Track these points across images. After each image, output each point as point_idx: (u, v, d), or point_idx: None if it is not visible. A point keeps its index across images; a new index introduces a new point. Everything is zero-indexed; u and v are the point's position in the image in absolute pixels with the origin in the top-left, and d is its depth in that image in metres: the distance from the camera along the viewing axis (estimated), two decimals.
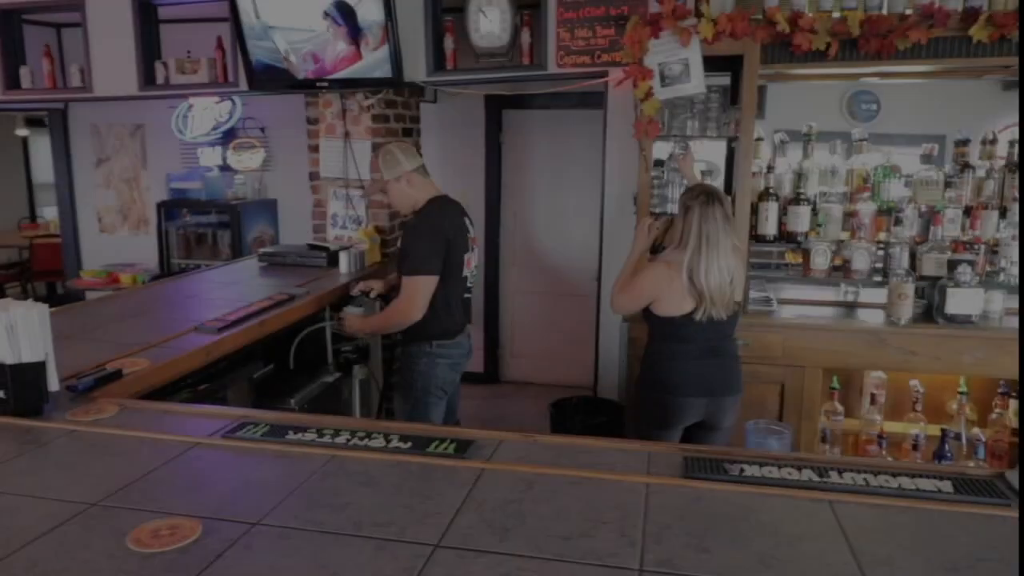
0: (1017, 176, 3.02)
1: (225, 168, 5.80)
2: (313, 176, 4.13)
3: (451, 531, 1.27)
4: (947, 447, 3.13)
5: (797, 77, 3.39)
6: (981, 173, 3.14)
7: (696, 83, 3.13)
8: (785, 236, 3.27)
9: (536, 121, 5.47)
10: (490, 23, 3.71)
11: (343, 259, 3.69)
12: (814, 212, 3.24)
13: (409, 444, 1.61)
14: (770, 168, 3.27)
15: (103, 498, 1.39)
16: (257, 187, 5.81)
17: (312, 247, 3.98)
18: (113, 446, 1.64)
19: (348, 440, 1.63)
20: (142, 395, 2.11)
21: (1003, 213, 3.08)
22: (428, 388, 2.91)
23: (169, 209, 5.70)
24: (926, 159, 3.26)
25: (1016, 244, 2.98)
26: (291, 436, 1.65)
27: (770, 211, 3.24)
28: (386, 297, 3.25)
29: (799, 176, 3.28)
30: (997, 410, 3.20)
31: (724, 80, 3.35)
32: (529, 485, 1.45)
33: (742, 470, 1.50)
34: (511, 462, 1.56)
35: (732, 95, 3.33)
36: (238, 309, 2.85)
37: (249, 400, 2.69)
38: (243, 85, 3.91)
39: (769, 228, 3.25)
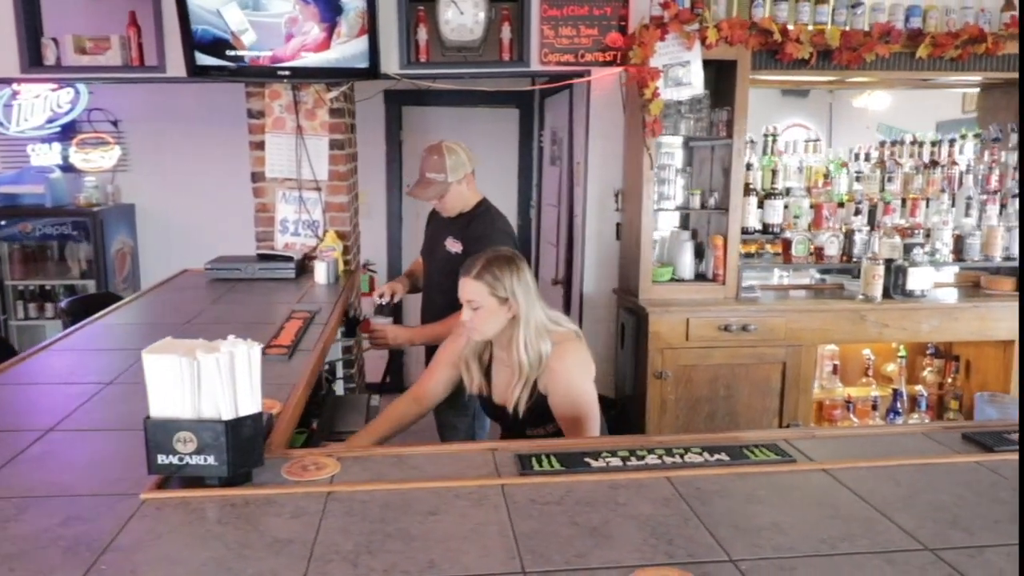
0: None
1: (67, 168, 4.85)
2: (256, 177, 3.63)
3: None
4: (898, 404, 3.66)
5: (776, 83, 3.73)
6: (908, 169, 3.69)
7: (697, 85, 3.30)
8: (763, 228, 3.57)
9: (439, 119, 5.32)
10: (462, 16, 3.54)
11: (320, 269, 3.32)
12: (785, 206, 3.57)
13: (723, 455, 1.54)
14: (749, 166, 3.54)
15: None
16: (110, 190, 4.94)
17: (266, 256, 3.51)
18: (413, 505, 1.36)
19: (661, 459, 1.52)
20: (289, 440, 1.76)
21: (927, 203, 3.66)
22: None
23: None
24: (867, 157, 3.74)
25: (948, 228, 3.56)
26: (596, 464, 1.50)
27: (751, 206, 3.51)
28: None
29: (773, 173, 3.59)
30: (928, 368, 3.80)
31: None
32: None
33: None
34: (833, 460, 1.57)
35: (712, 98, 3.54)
36: (280, 332, 2.46)
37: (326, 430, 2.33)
38: (174, 70, 3.31)
39: (751, 221, 3.53)
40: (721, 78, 3.45)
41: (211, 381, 1.37)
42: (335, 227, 3.63)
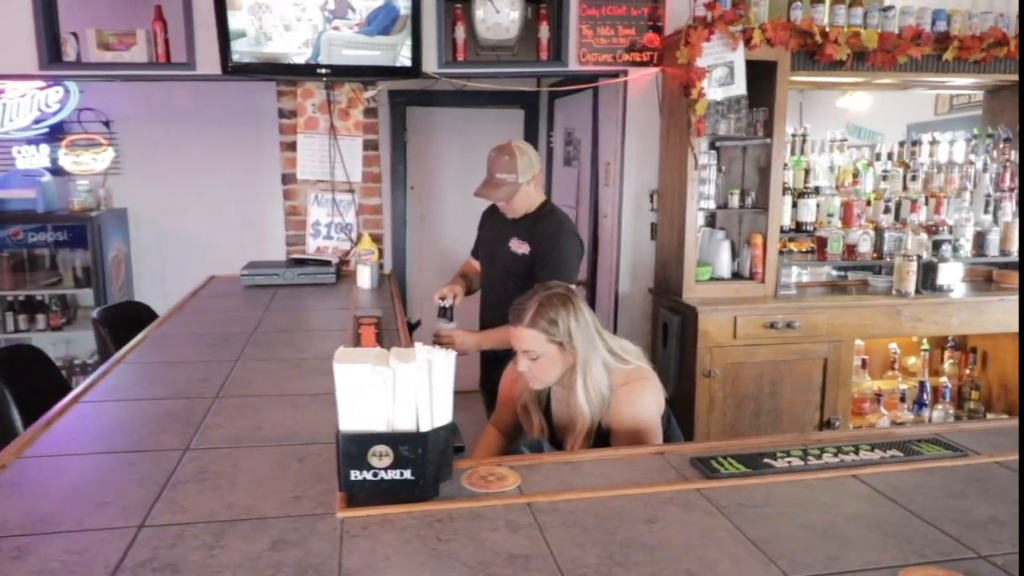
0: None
1: (55, 171, 4.58)
2: (287, 179, 3.50)
3: None
4: (924, 396, 3.78)
5: (810, 85, 3.79)
6: (928, 168, 3.81)
7: (739, 85, 3.33)
8: (796, 226, 3.63)
9: (443, 120, 5.23)
10: (497, 14, 3.50)
11: (364, 273, 3.22)
12: (817, 205, 3.64)
13: (895, 452, 1.55)
14: (784, 166, 3.59)
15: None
16: (102, 194, 4.69)
17: (301, 261, 3.39)
18: (623, 513, 1.32)
19: (839, 457, 1.51)
20: None
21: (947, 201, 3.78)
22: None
23: None
24: (888, 156, 3.85)
25: (970, 225, 3.69)
26: (778, 465, 1.48)
27: (787, 204, 3.57)
28: None
29: (806, 172, 3.65)
30: (949, 360, 3.93)
31: None
32: None
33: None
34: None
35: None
36: (360, 339, 2.37)
37: None
38: (205, 67, 3.16)
39: (785, 220, 3.58)
40: (756, 78, 3.49)
41: (407, 391, 1.30)
42: (368, 229, 3.53)
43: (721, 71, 3.30)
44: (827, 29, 3.32)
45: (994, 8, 3.68)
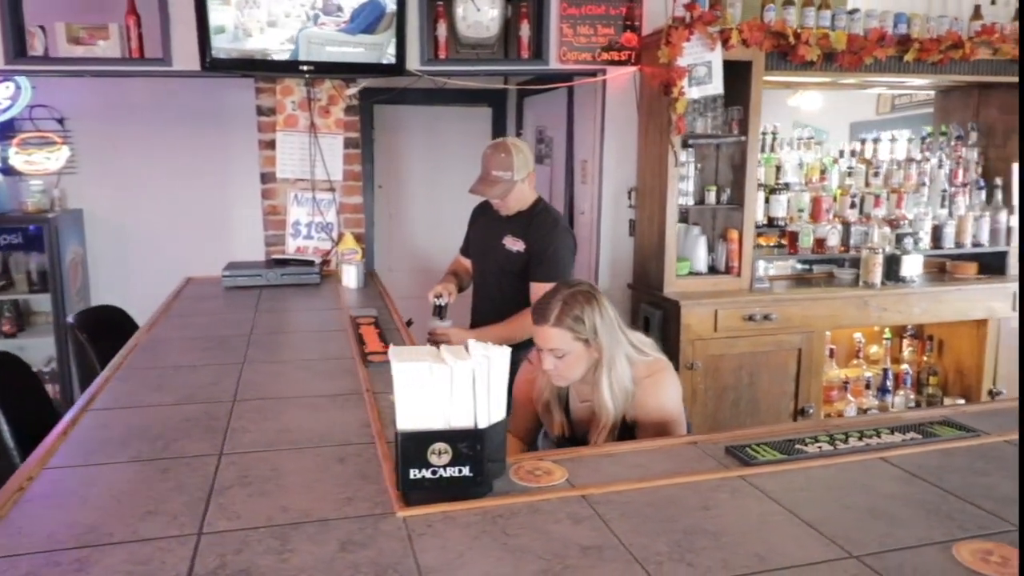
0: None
1: (6, 171, 4.37)
2: (266, 178, 3.42)
3: None
4: (887, 382, 3.96)
5: (781, 84, 3.91)
6: (888, 164, 3.99)
7: (717, 84, 3.42)
8: (768, 221, 3.74)
9: (411, 118, 5.21)
10: (478, 12, 3.50)
11: (350, 272, 3.18)
12: (788, 200, 3.76)
13: (913, 435, 1.63)
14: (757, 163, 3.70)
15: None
16: (56, 195, 4.49)
17: (283, 261, 3.32)
18: (676, 501, 1.35)
19: (863, 441, 1.58)
20: None
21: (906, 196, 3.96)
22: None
23: None
24: (851, 154, 4.00)
25: (928, 219, 3.88)
26: (810, 451, 1.54)
27: (759, 200, 3.68)
28: None
29: (777, 169, 3.77)
30: (909, 348, 4.12)
31: None
32: None
33: None
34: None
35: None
36: (363, 340, 2.36)
37: None
38: (182, 63, 3.07)
39: (759, 215, 3.69)
40: (730, 77, 3.58)
41: (464, 387, 1.31)
42: (350, 229, 3.48)
43: (700, 70, 3.38)
44: (799, 31, 3.43)
45: (948, 11, 3.87)
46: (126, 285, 4.62)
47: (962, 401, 3.94)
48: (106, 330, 2.88)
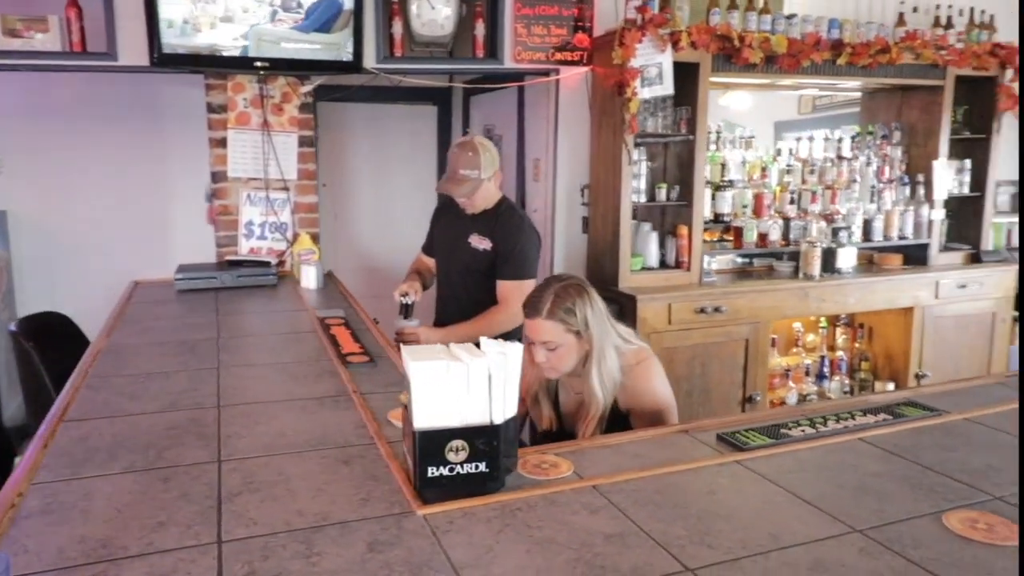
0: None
1: None
2: (217, 176, 3.32)
3: None
4: (824, 369, 4.18)
5: (723, 86, 4.05)
6: (823, 163, 4.19)
7: (667, 85, 3.52)
8: (715, 217, 3.88)
9: (355, 116, 5.13)
10: (432, 10, 3.49)
11: (309, 273, 3.13)
12: (733, 197, 3.91)
13: (884, 416, 1.74)
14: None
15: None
16: None
17: (237, 263, 3.23)
18: (681, 487, 1.41)
19: (840, 424, 1.68)
20: None
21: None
22: None
23: None
24: (789, 152, 4.19)
25: (859, 213, 4.10)
26: (795, 434, 1.63)
27: (706, 197, 3.82)
28: None
29: (723, 166, 3.91)
30: (842, 336, 4.36)
31: None
32: None
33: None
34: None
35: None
36: (337, 341, 2.33)
37: None
38: (128, 58, 2.94)
39: (706, 211, 3.83)
40: (678, 78, 3.70)
41: (480, 384, 1.33)
42: (305, 228, 3.42)
43: (651, 71, 3.47)
44: (743, 34, 3.57)
45: (874, 17, 4.10)
46: (55, 291, 4.38)
47: (891, 386, 4.20)
48: (53, 337, 2.75)
